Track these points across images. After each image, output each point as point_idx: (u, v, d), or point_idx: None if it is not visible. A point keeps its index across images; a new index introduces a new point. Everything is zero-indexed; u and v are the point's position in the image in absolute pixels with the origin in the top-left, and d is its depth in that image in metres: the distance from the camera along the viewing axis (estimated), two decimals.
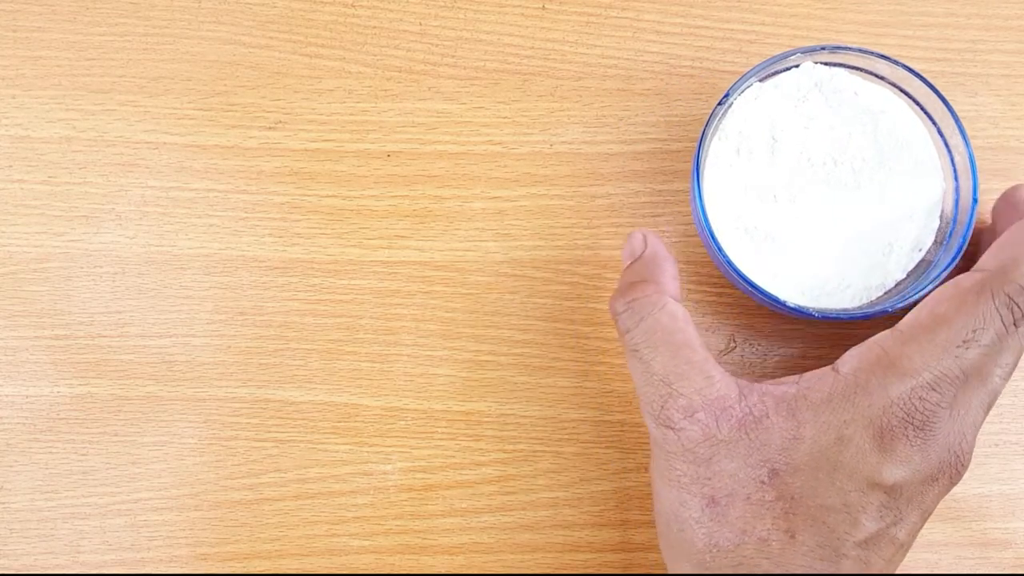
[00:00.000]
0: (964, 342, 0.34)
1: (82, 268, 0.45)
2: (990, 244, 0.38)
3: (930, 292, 0.37)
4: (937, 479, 0.34)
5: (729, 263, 0.40)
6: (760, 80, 0.42)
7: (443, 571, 0.44)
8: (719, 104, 0.40)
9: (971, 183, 0.40)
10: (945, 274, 0.39)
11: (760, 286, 0.40)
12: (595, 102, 0.46)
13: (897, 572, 0.44)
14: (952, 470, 0.34)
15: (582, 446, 0.44)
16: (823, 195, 0.42)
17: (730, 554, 0.33)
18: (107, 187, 0.45)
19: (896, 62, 0.40)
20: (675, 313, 0.36)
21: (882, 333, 0.36)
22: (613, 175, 0.45)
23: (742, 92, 0.41)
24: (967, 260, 0.39)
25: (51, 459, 0.44)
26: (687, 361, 0.35)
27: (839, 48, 0.41)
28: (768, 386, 0.36)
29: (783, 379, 0.36)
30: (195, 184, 0.45)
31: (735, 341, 0.45)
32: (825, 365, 0.35)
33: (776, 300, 0.39)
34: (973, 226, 0.40)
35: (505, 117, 0.46)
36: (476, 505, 0.44)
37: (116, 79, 0.46)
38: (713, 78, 0.46)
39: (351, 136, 0.46)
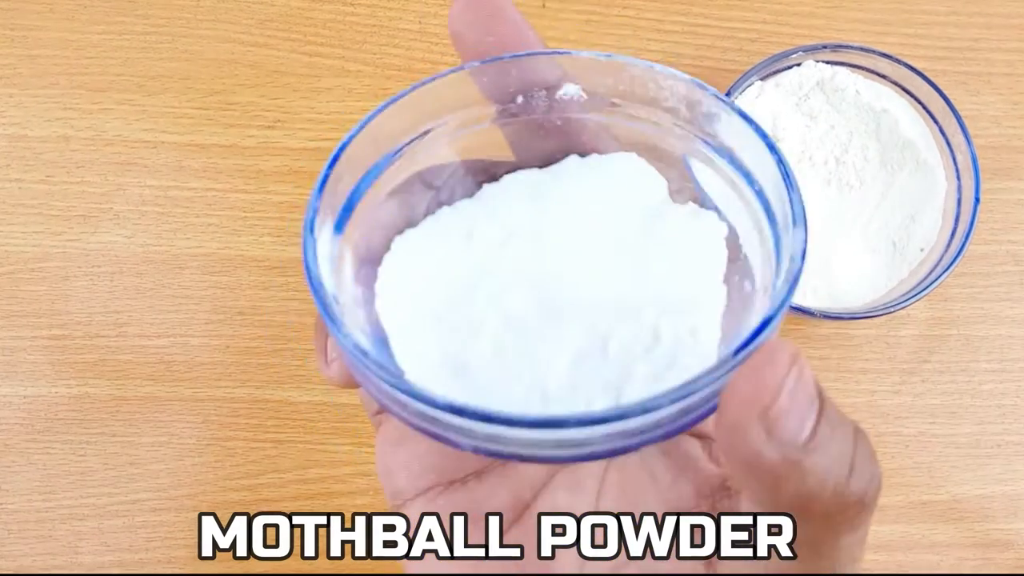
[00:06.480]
0: None
1: (80, 268, 0.45)
2: None
3: (933, 290, 0.37)
4: None
5: None
6: (761, 79, 0.41)
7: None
8: None
9: (973, 182, 0.40)
10: (948, 272, 0.39)
11: None
12: None
13: (898, 572, 0.44)
14: None
15: None
16: (825, 194, 0.42)
17: None
18: (105, 186, 0.45)
19: (898, 61, 0.40)
20: None
21: None
22: None
23: (743, 91, 0.41)
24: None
25: (49, 459, 0.44)
26: None
27: (841, 46, 0.41)
28: None
29: None
30: (193, 183, 0.45)
31: None
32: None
33: None
34: (976, 224, 0.39)
35: None
36: None
37: (114, 78, 0.46)
38: (714, 76, 0.46)
39: None
